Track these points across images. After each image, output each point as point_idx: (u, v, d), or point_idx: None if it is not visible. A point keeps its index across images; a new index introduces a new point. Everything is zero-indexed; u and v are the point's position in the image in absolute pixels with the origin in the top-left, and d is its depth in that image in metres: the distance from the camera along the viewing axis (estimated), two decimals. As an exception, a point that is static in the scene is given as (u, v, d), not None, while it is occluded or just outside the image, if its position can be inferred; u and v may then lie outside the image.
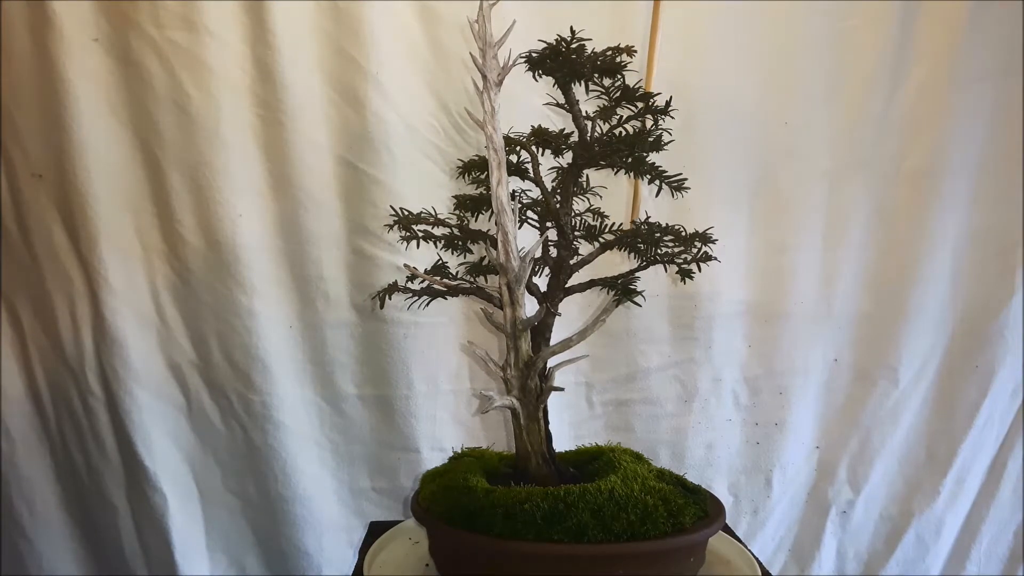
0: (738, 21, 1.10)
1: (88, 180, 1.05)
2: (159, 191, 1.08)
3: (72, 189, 1.05)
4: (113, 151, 1.07)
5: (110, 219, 1.07)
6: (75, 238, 1.07)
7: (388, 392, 1.16)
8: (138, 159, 1.08)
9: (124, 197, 1.08)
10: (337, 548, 1.20)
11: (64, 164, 1.05)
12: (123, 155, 1.07)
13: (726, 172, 1.14)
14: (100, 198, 1.06)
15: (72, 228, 1.08)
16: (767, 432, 1.24)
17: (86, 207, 1.05)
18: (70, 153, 1.04)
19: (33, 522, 1.18)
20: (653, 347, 1.19)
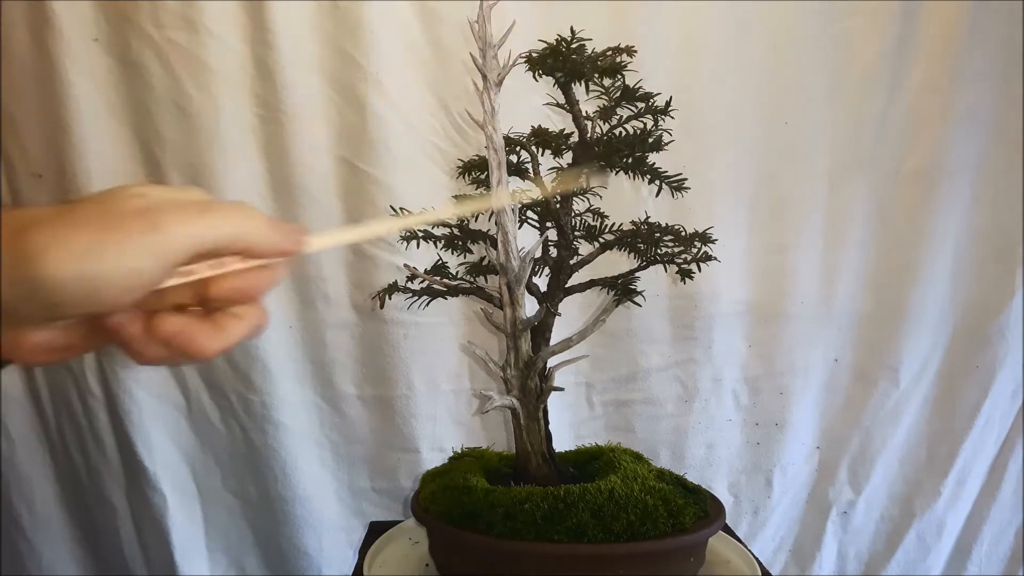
0: (738, 21, 1.10)
1: (88, 180, 1.05)
2: (159, 191, 1.08)
3: (72, 189, 1.05)
4: (113, 151, 1.06)
5: (110, 219, 1.07)
6: None
7: (388, 392, 1.16)
8: (138, 159, 1.08)
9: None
10: (337, 548, 1.20)
11: (64, 164, 1.05)
12: (123, 155, 1.07)
13: (726, 172, 1.14)
14: (100, 198, 1.06)
15: (72, 228, 1.07)
16: (767, 432, 1.24)
17: (86, 207, 1.05)
18: (70, 153, 1.04)
19: (33, 522, 1.18)
20: (653, 347, 1.19)
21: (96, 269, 0.34)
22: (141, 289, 0.36)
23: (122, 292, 0.35)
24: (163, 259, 0.36)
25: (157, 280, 0.36)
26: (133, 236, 0.35)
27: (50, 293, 0.33)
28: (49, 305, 0.34)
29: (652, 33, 1.08)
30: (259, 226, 0.39)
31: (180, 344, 0.39)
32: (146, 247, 0.35)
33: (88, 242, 0.34)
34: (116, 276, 0.35)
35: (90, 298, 0.35)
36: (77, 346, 0.39)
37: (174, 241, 0.36)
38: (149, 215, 0.36)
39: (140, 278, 0.36)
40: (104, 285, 0.35)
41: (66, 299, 0.34)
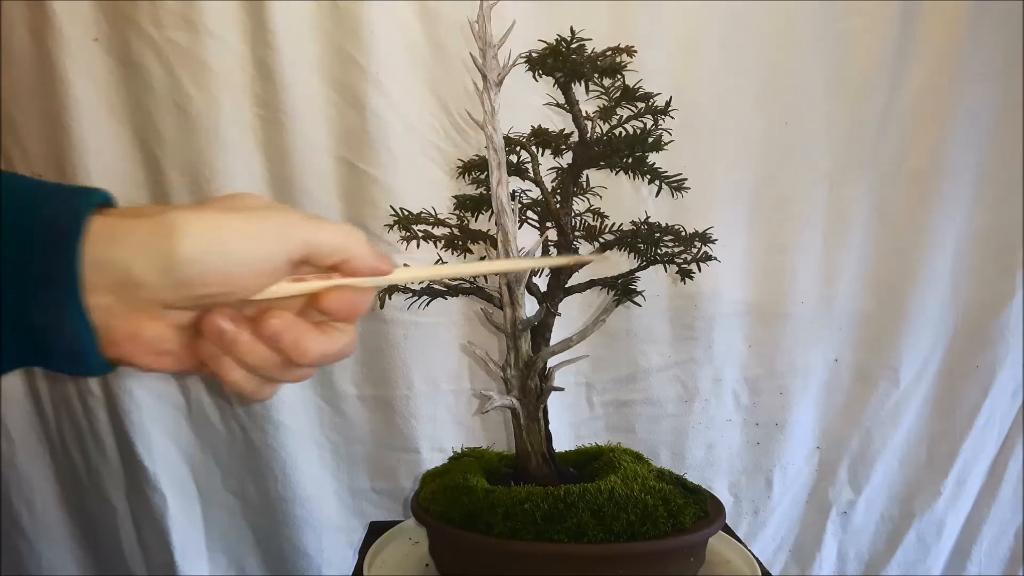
0: (738, 21, 1.10)
1: (88, 180, 1.05)
2: (159, 191, 1.08)
3: (72, 189, 1.05)
4: (113, 151, 1.06)
5: (110, 219, 1.07)
6: None
7: (388, 392, 1.16)
8: (138, 159, 1.08)
9: (124, 197, 1.07)
10: (337, 548, 1.20)
11: (64, 164, 1.05)
12: (123, 155, 1.07)
13: (726, 172, 1.14)
14: (100, 198, 1.06)
15: (72, 228, 1.07)
16: (768, 432, 1.24)
17: (86, 207, 1.05)
18: (70, 153, 1.04)
19: (32, 522, 1.18)
20: (653, 347, 1.19)
21: (230, 248, 0.37)
22: (266, 276, 0.39)
23: (249, 273, 0.38)
24: (287, 248, 0.39)
25: (279, 270, 0.39)
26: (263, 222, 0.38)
27: (186, 267, 0.35)
28: (182, 282, 0.36)
29: (652, 33, 1.08)
30: (361, 244, 0.42)
31: (287, 343, 0.40)
32: (274, 234, 0.38)
33: (223, 221, 0.37)
34: (245, 255, 0.37)
35: (222, 276, 0.37)
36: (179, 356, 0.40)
37: (296, 234, 0.39)
38: (275, 209, 0.40)
39: (267, 263, 0.38)
40: (235, 264, 0.37)
41: (200, 276, 0.36)
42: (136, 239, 0.35)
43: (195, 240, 0.36)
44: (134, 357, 0.38)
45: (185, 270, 0.36)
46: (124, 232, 0.35)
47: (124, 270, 0.35)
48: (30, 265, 0.34)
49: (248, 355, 0.40)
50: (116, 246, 0.35)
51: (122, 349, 0.37)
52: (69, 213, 0.34)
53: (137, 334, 0.37)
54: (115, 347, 0.37)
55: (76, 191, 0.36)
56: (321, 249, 0.40)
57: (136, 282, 0.35)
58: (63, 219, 0.34)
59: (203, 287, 0.37)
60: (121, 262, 0.35)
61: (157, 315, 0.38)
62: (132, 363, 0.38)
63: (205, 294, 0.37)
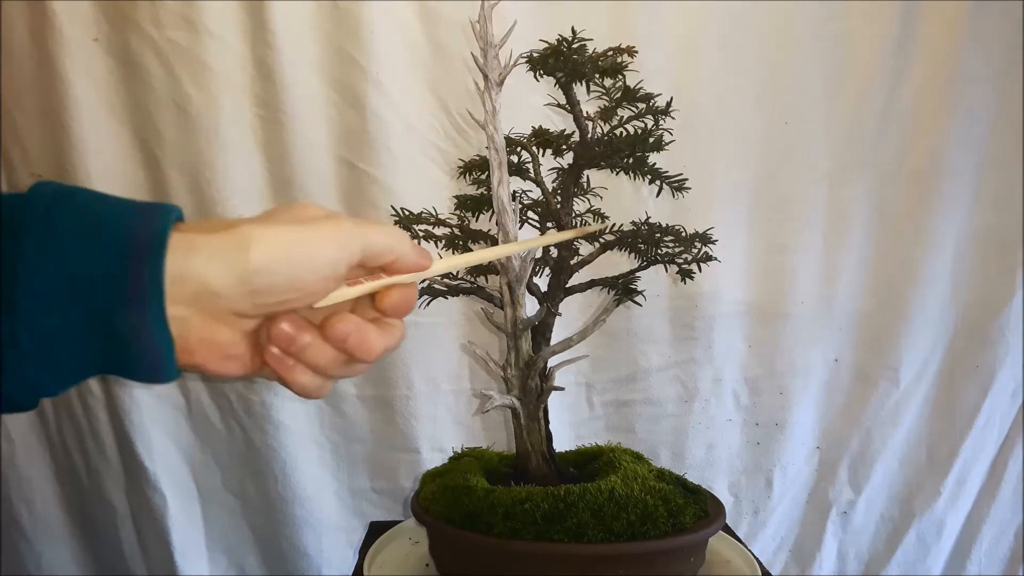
0: (737, 21, 1.10)
1: (88, 180, 1.05)
2: (159, 191, 1.08)
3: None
4: (113, 151, 1.06)
5: (110, 219, 1.07)
6: None
7: (388, 392, 1.16)
8: (138, 159, 1.08)
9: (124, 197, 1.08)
10: (337, 548, 1.20)
11: (64, 164, 1.05)
12: (123, 155, 1.07)
13: (726, 172, 1.14)
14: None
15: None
16: (768, 432, 1.24)
17: (86, 207, 1.05)
18: (70, 153, 1.04)
19: (33, 522, 1.18)
20: (653, 347, 1.19)
21: (298, 257, 0.40)
22: (332, 280, 0.42)
23: (316, 280, 0.41)
24: (347, 253, 0.42)
25: (340, 274, 0.42)
26: (324, 231, 0.41)
27: (260, 277, 0.38)
28: (256, 291, 0.39)
29: (652, 33, 1.08)
30: (407, 242, 0.45)
31: (354, 342, 0.43)
32: (335, 241, 0.41)
33: (290, 232, 0.40)
34: (312, 264, 0.40)
35: (292, 284, 0.40)
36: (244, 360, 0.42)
37: (354, 240, 0.42)
38: (331, 218, 0.42)
39: (331, 269, 0.41)
40: (303, 270, 0.40)
41: (272, 285, 0.39)
42: (212, 252, 0.37)
43: (267, 251, 0.38)
44: (206, 363, 0.40)
45: (259, 279, 0.38)
46: (201, 246, 0.37)
47: (202, 282, 0.37)
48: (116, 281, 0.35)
49: (316, 357, 0.43)
50: (194, 259, 0.37)
51: (195, 356, 0.40)
52: (152, 230, 0.36)
53: (210, 341, 0.40)
54: (189, 354, 0.39)
55: (156, 208, 0.38)
56: (375, 251, 0.43)
57: (213, 292, 0.38)
58: (147, 236, 0.36)
59: (275, 295, 0.40)
60: (199, 274, 0.37)
61: (230, 322, 0.40)
62: (203, 368, 0.41)
63: (276, 301, 0.40)
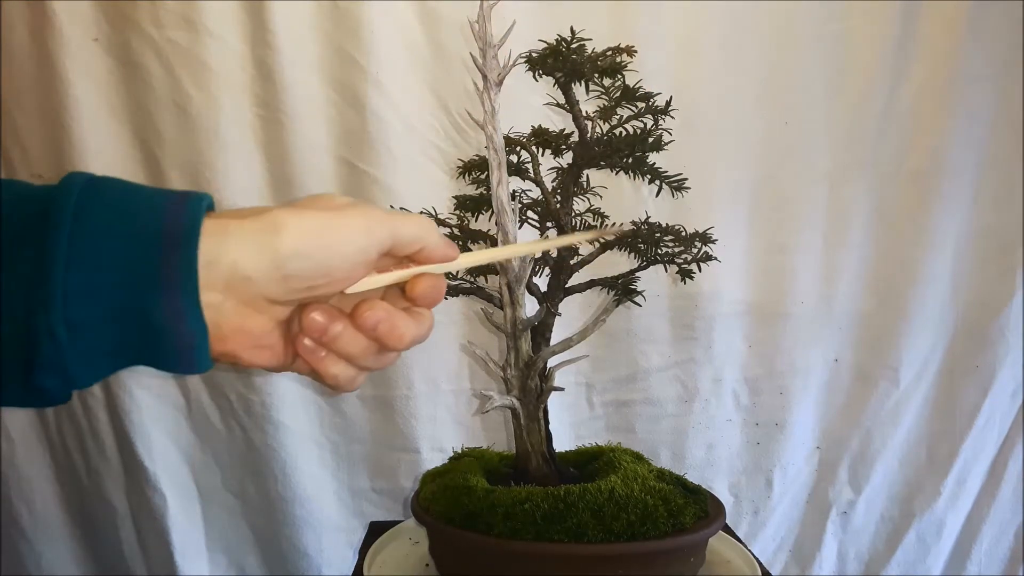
0: (737, 21, 1.10)
1: (88, 180, 1.05)
2: (159, 191, 1.08)
3: (72, 189, 1.05)
4: (113, 151, 1.06)
5: (110, 219, 1.07)
6: None
7: (388, 392, 1.16)
8: (138, 159, 1.08)
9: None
10: (337, 548, 1.20)
11: (64, 164, 1.05)
12: (123, 155, 1.07)
13: (726, 172, 1.14)
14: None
15: (72, 228, 1.07)
16: (768, 432, 1.24)
17: (86, 207, 1.05)
18: (70, 153, 1.04)
19: (33, 522, 1.18)
20: (653, 347, 1.19)
21: (329, 242, 0.40)
22: (362, 266, 0.42)
23: (347, 267, 0.41)
24: (376, 240, 0.42)
25: (370, 261, 0.42)
26: (354, 219, 0.41)
27: (293, 262, 0.38)
28: (289, 276, 0.39)
29: (652, 33, 1.08)
30: (435, 232, 0.45)
31: (385, 330, 0.43)
32: (365, 228, 0.41)
33: (321, 219, 0.40)
34: (343, 250, 0.40)
35: (324, 270, 0.40)
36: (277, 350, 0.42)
37: (383, 227, 0.42)
38: (359, 206, 0.42)
39: (362, 255, 0.41)
40: (334, 256, 0.40)
41: (304, 270, 0.39)
42: (245, 237, 0.37)
43: (300, 236, 0.38)
44: (239, 351, 0.40)
45: (292, 264, 0.38)
46: (234, 230, 0.37)
47: (235, 267, 0.37)
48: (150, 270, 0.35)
49: (348, 346, 0.43)
50: (227, 245, 0.37)
51: (228, 344, 0.40)
52: (185, 217, 0.36)
53: (244, 328, 0.40)
54: (222, 342, 0.39)
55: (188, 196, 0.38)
56: (403, 239, 0.43)
57: (246, 277, 0.38)
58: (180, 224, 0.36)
59: (307, 279, 0.40)
60: (232, 259, 0.37)
61: (262, 309, 0.40)
62: (236, 357, 0.41)
63: (307, 286, 0.40)
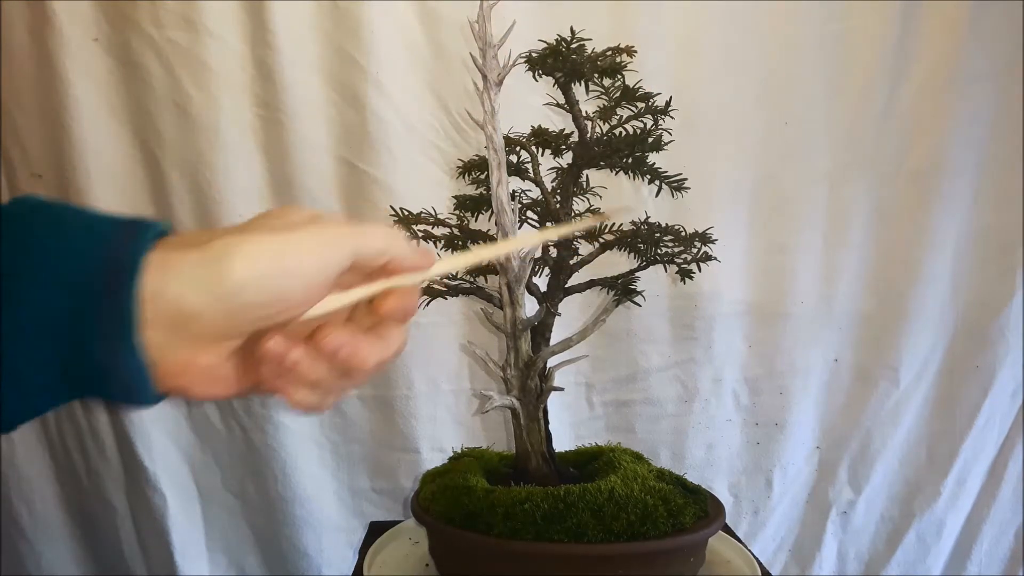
0: (738, 20, 1.10)
1: (88, 180, 1.05)
2: (159, 191, 1.08)
3: (72, 189, 1.05)
4: (113, 151, 1.07)
5: (110, 219, 1.07)
6: None
7: (388, 392, 1.16)
8: (138, 159, 1.08)
9: (124, 197, 1.08)
10: (337, 548, 1.20)
11: (64, 164, 1.05)
12: (123, 155, 1.07)
13: (726, 172, 1.14)
14: (100, 198, 1.06)
15: (72, 228, 1.08)
16: (768, 432, 1.24)
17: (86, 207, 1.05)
18: (70, 153, 1.04)
19: (33, 522, 1.18)
20: (653, 347, 1.19)
21: (281, 266, 0.36)
22: (320, 289, 0.38)
23: (303, 291, 0.38)
24: (336, 259, 0.38)
25: (329, 282, 0.39)
26: (310, 239, 0.38)
27: (239, 295, 0.35)
28: (236, 309, 0.36)
29: (652, 33, 1.08)
30: (402, 243, 0.42)
31: (345, 356, 0.40)
32: (322, 247, 0.38)
33: (270, 244, 0.37)
34: (298, 274, 0.37)
35: (274, 298, 0.37)
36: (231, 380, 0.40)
37: (343, 244, 0.39)
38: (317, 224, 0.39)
39: (319, 277, 0.38)
40: (287, 282, 0.37)
41: (253, 301, 0.36)
42: (187, 271, 0.35)
43: (245, 266, 0.35)
44: (189, 387, 0.38)
45: (238, 297, 0.36)
46: (175, 265, 0.35)
47: (178, 303, 0.35)
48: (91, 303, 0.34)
49: (310, 372, 0.40)
50: (168, 281, 0.35)
51: (178, 380, 0.37)
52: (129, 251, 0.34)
53: (192, 365, 0.37)
54: (171, 379, 0.37)
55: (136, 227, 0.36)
56: (367, 254, 0.40)
57: (189, 314, 0.35)
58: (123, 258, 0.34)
59: (258, 311, 0.37)
60: (174, 296, 0.35)
61: (210, 343, 0.37)
62: (187, 392, 0.38)
63: (259, 317, 0.37)
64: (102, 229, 0.35)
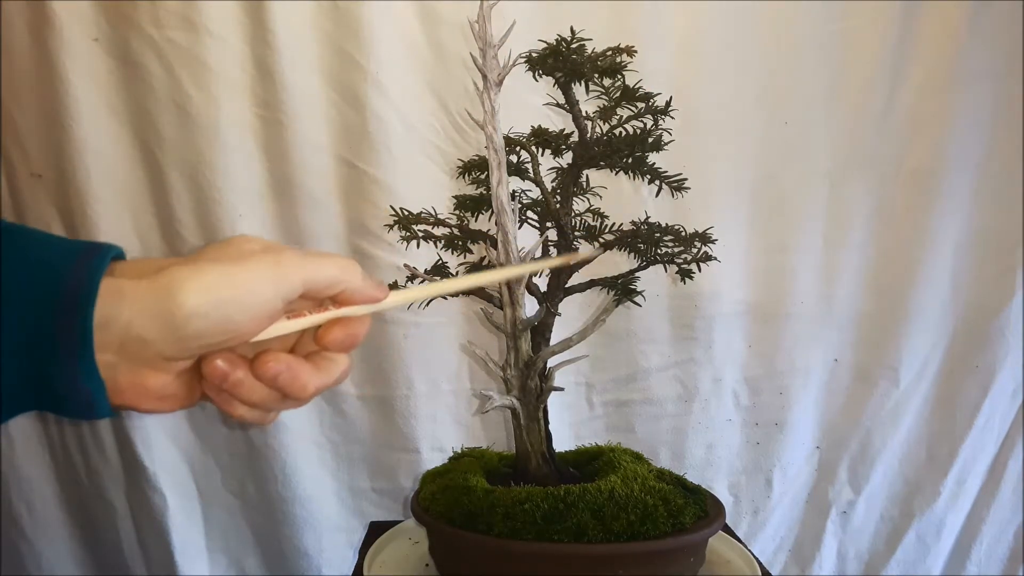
0: (738, 20, 1.10)
1: (88, 180, 1.05)
2: (159, 191, 1.08)
3: (72, 189, 1.05)
4: (113, 151, 1.06)
5: (110, 219, 1.07)
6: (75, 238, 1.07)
7: (388, 392, 1.16)
8: (138, 159, 1.08)
9: (124, 197, 1.08)
10: (337, 548, 1.20)
11: (64, 164, 1.05)
12: (123, 155, 1.07)
13: (726, 172, 1.14)
14: (100, 198, 1.06)
15: (72, 228, 1.08)
16: (767, 432, 1.24)
17: (86, 207, 1.05)
18: (70, 153, 1.04)
19: (32, 522, 1.18)
20: (653, 347, 1.19)
21: (229, 296, 0.38)
22: (266, 318, 0.40)
23: (250, 320, 0.39)
24: (284, 290, 0.40)
25: (276, 311, 0.40)
26: (259, 269, 0.39)
27: (188, 325, 0.37)
28: (185, 337, 0.38)
29: (652, 33, 1.08)
30: (355, 274, 0.43)
31: (284, 382, 0.42)
32: (271, 278, 0.39)
33: (221, 274, 0.38)
34: (246, 304, 0.39)
35: (222, 326, 0.38)
36: (180, 397, 0.42)
37: (293, 275, 0.40)
38: (270, 253, 0.40)
39: (266, 306, 0.40)
40: (235, 312, 0.38)
41: (201, 329, 0.38)
42: (139, 300, 0.37)
43: (194, 297, 0.37)
44: (138, 403, 0.40)
45: (187, 327, 0.37)
46: (129, 294, 0.36)
47: (128, 330, 0.36)
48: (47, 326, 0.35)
49: (250, 394, 0.42)
50: (121, 308, 0.36)
51: (126, 397, 0.39)
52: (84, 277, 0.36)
53: (141, 384, 0.39)
54: (119, 396, 0.39)
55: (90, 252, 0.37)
56: (318, 284, 0.42)
57: (140, 339, 0.37)
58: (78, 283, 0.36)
59: (204, 338, 0.38)
60: (125, 322, 0.36)
61: (159, 366, 0.39)
62: (135, 408, 0.40)
63: (207, 344, 0.39)
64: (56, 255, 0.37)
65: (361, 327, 0.44)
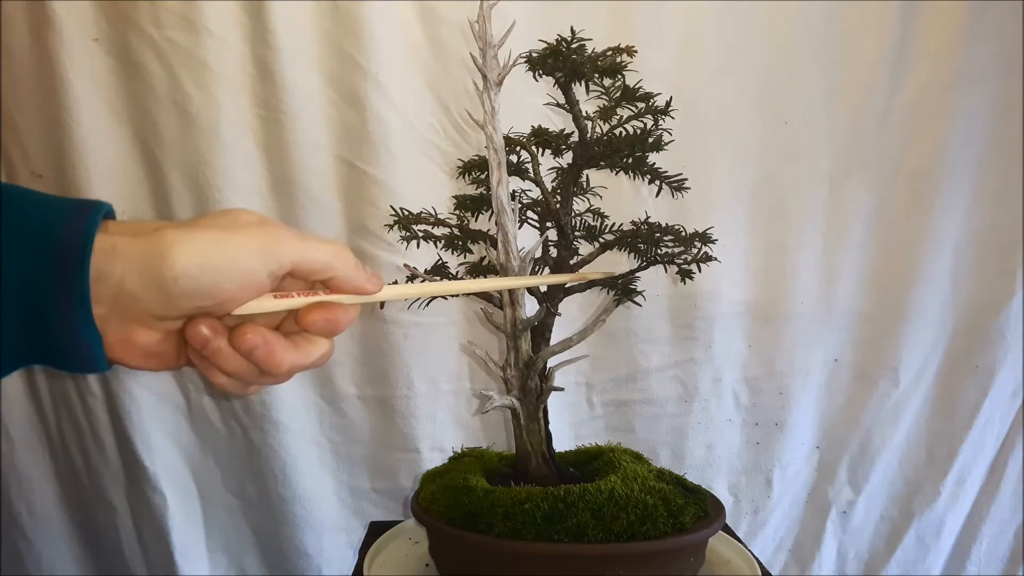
0: (738, 21, 1.10)
1: (88, 180, 1.05)
2: (159, 191, 1.08)
3: (72, 189, 1.05)
4: (113, 151, 1.06)
5: (110, 219, 1.07)
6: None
7: (388, 392, 1.16)
8: (138, 159, 1.08)
9: (124, 197, 1.08)
10: (337, 548, 1.20)
11: (64, 164, 1.05)
12: (123, 155, 1.07)
13: (726, 172, 1.14)
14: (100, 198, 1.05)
15: (72, 228, 1.08)
16: (767, 432, 1.24)
17: (86, 207, 1.06)
18: (70, 153, 1.04)
19: (32, 522, 1.18)
20: (653, 347, 1.19)
21: (218, 263, 0.39)
22: (251, 289, 0.41)
23: (238, 288, 0.40)
24: (273, 263, 0.41)
25: (262, 283, 0.41)
26: (251, 239, 0.40)
27: (176, 284, 0.38)
28: (173, 297, 0.39)
29: (652, 33, 1.08)
30: (348, 262, 0.44)
31: (261, 355, 0.43)
32: (261, 250, 0.41)
33: (213, 239, 0.39)
34: (234, 271, 0.40)
35: (209, 290, 0.39)
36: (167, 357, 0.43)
37: (284, 250, 0.41)
38: (265, 225, 0.41)
39: (251, 276, 0.41)
40: (223, 279, 0.39)
41: (189, 291, 0.39)
42: (132, 258, 0.38)
43: (185, 258, 0.38)
44: (125, 359, 0.41)
45: (175, 286, 0.38)
46: (123, 251, 0.38)
47: (121, 285, 0.38)
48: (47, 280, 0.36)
49: (228, 363, 0.43)
50: (114, 264, 0.38)
51: (116, 352, 0.41)
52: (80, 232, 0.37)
53: (129, 340, 0.41)
54: (110, 350, 0.40)
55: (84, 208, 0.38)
56: (308, 266, 0.42)
57: (132, 295, 0.38)
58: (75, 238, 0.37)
59: (191, 300, 0.40)
60: (119, 278, 0.38)
61: (149, 323, 0.41)
62: (124, 363, 0.42)
63: (194, 306, 0.40)
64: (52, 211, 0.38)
65: (343, 314, 0.45)
